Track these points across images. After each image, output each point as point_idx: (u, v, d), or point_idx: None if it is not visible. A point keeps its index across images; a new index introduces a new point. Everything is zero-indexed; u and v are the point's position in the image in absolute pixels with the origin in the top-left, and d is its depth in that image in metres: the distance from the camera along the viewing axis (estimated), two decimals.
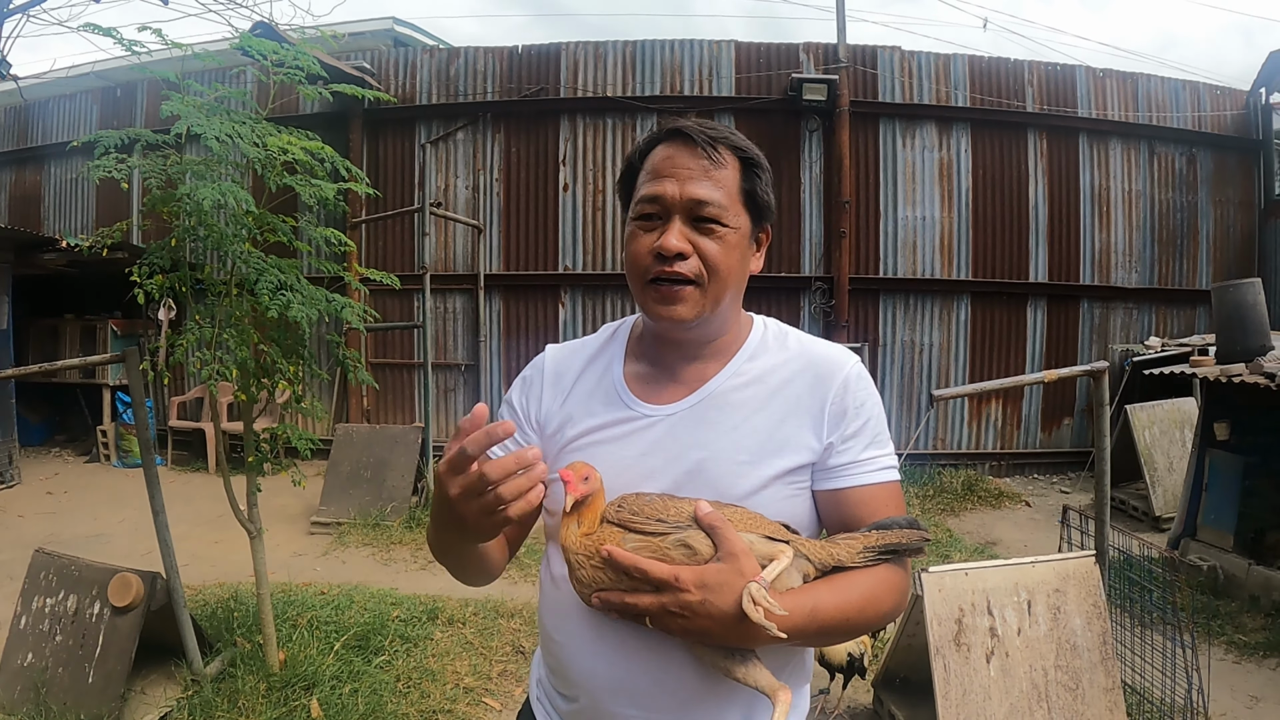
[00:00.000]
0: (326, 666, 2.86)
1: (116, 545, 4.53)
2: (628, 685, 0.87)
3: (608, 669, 0.88)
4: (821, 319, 6.76)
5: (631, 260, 0.93)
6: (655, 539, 0.79)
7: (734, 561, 0.77)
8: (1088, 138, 7.07)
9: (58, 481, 6.58)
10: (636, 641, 0.86)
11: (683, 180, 0.90)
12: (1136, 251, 7.17)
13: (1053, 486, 6.63)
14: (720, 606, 0.76)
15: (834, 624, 0.83)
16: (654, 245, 0.90)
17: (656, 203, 0.91)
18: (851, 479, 0.92)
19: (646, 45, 6.92)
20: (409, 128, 7.10)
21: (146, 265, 2.52)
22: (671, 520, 0.80)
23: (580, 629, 0.90)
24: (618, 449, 0.93)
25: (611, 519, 0.82)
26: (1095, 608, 2.36)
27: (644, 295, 0.93)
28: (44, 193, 8.09)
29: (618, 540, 0.80)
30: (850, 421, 0.93)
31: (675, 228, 0.89)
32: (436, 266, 6.92)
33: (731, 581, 0.76)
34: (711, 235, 0.90)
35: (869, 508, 0.91)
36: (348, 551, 4.66)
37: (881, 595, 0.87)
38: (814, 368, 0.95)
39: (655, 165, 0.93)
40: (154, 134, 2.53)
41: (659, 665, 0.86)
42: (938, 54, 6.96)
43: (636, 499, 0.83)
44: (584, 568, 0.81)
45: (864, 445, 0.93)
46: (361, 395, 6.87)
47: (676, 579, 0.76)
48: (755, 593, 0.75)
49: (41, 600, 2.82)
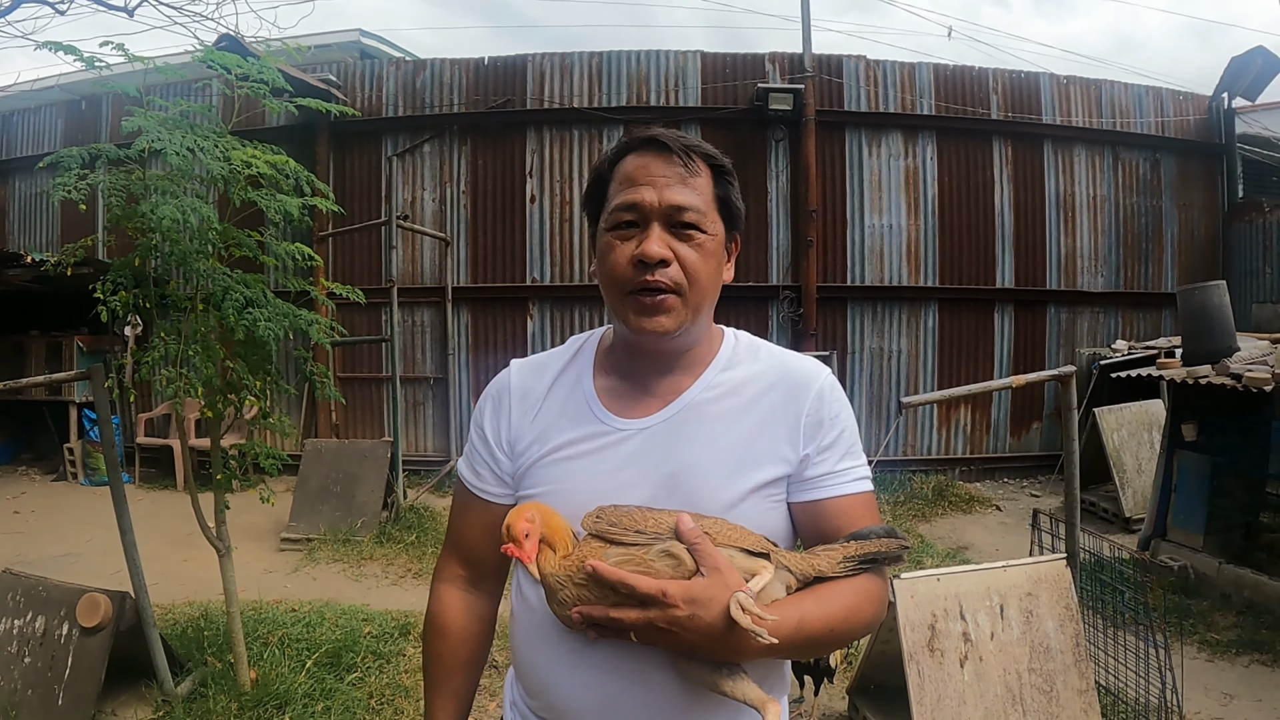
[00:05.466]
0: (299, 685, 2.85)
1: (85, 565, 4.46)
2: (612, 706, 0.86)
3: (591, 690, 0.87)
4: (790, 328, 6.78)
5: (610, 271, 0.90)
6: (637, 551, 0.78)
7: (718, 576, 0.77)
8: (1052, 144, 7.15)
9: (24, 501, 6.47)
10: (619, 662, 0.85)
11: (660, 188, 0.88)
12: (1102, 256, 7.26)
13: (1023, 490, 6.68)
14: (708, 620, 0.75)
15: (819, 635, 0.83)
16: (634, 253, 0.88)
17: (634, 210, 0.89)
18: (828, 490, 0.92)
19: (613, 56, 6.94)
20: (375, 140, 7.08)
21: (110, 281, 2.50)
22: (650, 531, 0.80)
23: (560, 652, 0.89)
24: (592, 464, 0.91)
25: (590, 529, 0.81)
26: (1068, 610, 2.38)
27: (624, 307, 0.90)
28: (8, 208, 7.99)
29: (599, 554, 0.79)
30: (826, 433, 0.93)
31: (655, 234, 0.88)
32: (404, 280, 6.89)
33: (718, 595, 0.76)
34: (690, 242, 0.89)
35: (846, 518, 0.91)
36: (318, 568, 4.63)
37: (863, 604, 0.87)
38: (788, 380, 0.95)
39: (630, 173, 0.90)
40: (117, 149, 2.50)
41: (643, 685, 0.85)
42: (903, 63, 7.02)
43: (614, 510, 0.82)
44: (566, 588, 0.79)
45: (839, 456, 0.93)
46: (330, 410, 6.83)
47: (664, 594, 0.75)
48: (743, 600, 0.75)
49: (9, 622, 2.80)
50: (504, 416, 1.00)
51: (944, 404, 6.91)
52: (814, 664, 2.70)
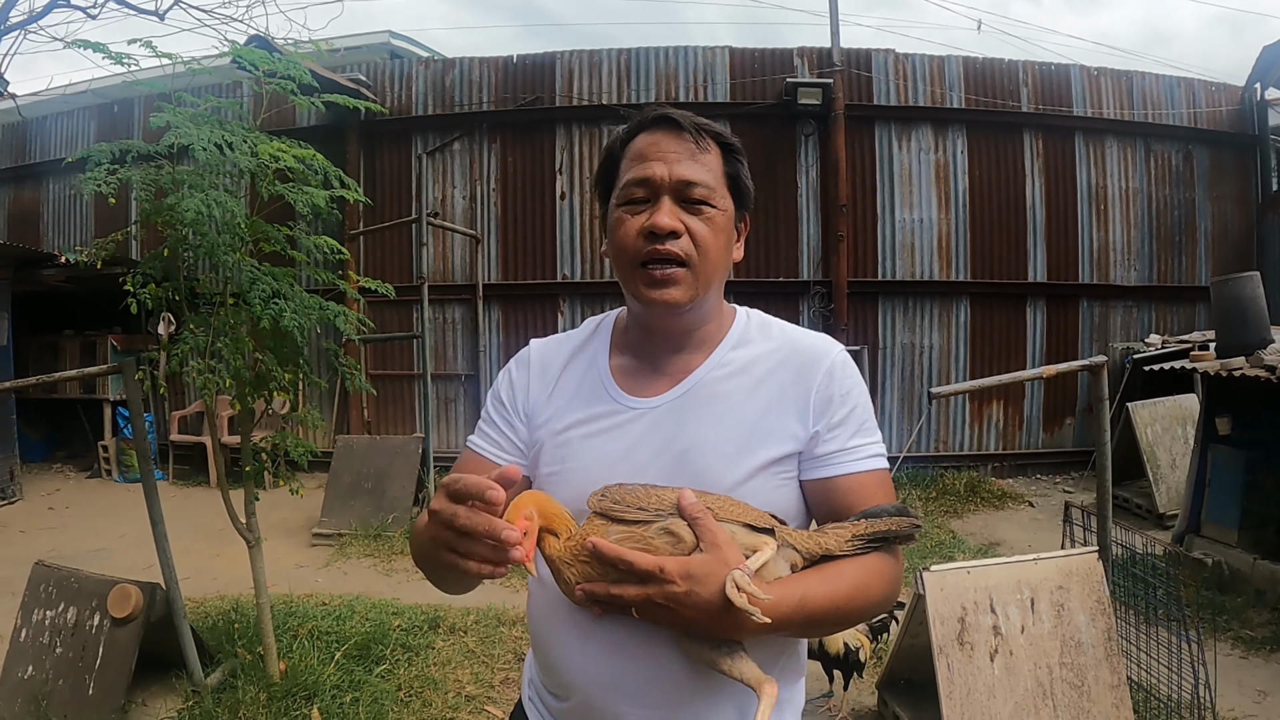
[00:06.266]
0: (327, 676, 2.86)
1: (118, 559, 4.52)
2: (619, 683, 0.87)
3: (598, 667, 0.87)
4: (820, 323, 6.72)
5: (620, 244, 0.92)
6: (638, 528, 0.79)
7: (717, 551, 0.76)
8: (1084, 136, 7.08)
9: (59, 497, 6.58)
10: (626, 638, 0.85)
11: (671, 163, 0.90)
12: (1135, 249, 7.17)
13: (1055, 486, 6.61)
14: (705, 596, 0.75)
15: (824, 613, 0.82)
16: (645, 225, 0.89)
17: (645, 185, 0.90)
18: (839, 467, 0.91)
19: (641, 53, 6.94)
20: (405, 139, 7.12)
21: (139, 275, 2.52)
22: (653, 509, 0.80)
23: (569, 628, 0.90)
24: (604, 443, 0.92)
25: (594, 508, 0.81)
26: (1099, 604, 2.34)
27: (635, 280, 0.92)
28: (43, 209, 8.12)
29: (601, 531, 0.79)
30: (836, 409, 0.92)
31: (666, 206, 0.89)
32: (435, 277, 6.93)
33: (716, 571, 0.75)
34: (700, 216, 0.90)
35: (857, 496, 0.90)
36: (349, 563, 4.66)
37: (872, 584, 0.85)
38: (798, 356, 0.95)
39: (641, 150, 0.92)
40: (146, 145, 2.52)
41: (650, 662, 0.85)
42: (932, 56, 6.97)
43: (619, 489, 0.82)
44: (572, 566, 0.80)
45: (850, 433, 0.92)
46: (362, 407, 6.87)
47: (661, 570, 0.75)
48: (739, 579, 0.74)
49: (41, 613, 2.82)
50: (521, 388, 1.02)
51: (976, 399, 6.85)
52: (843, 658, 2.68)
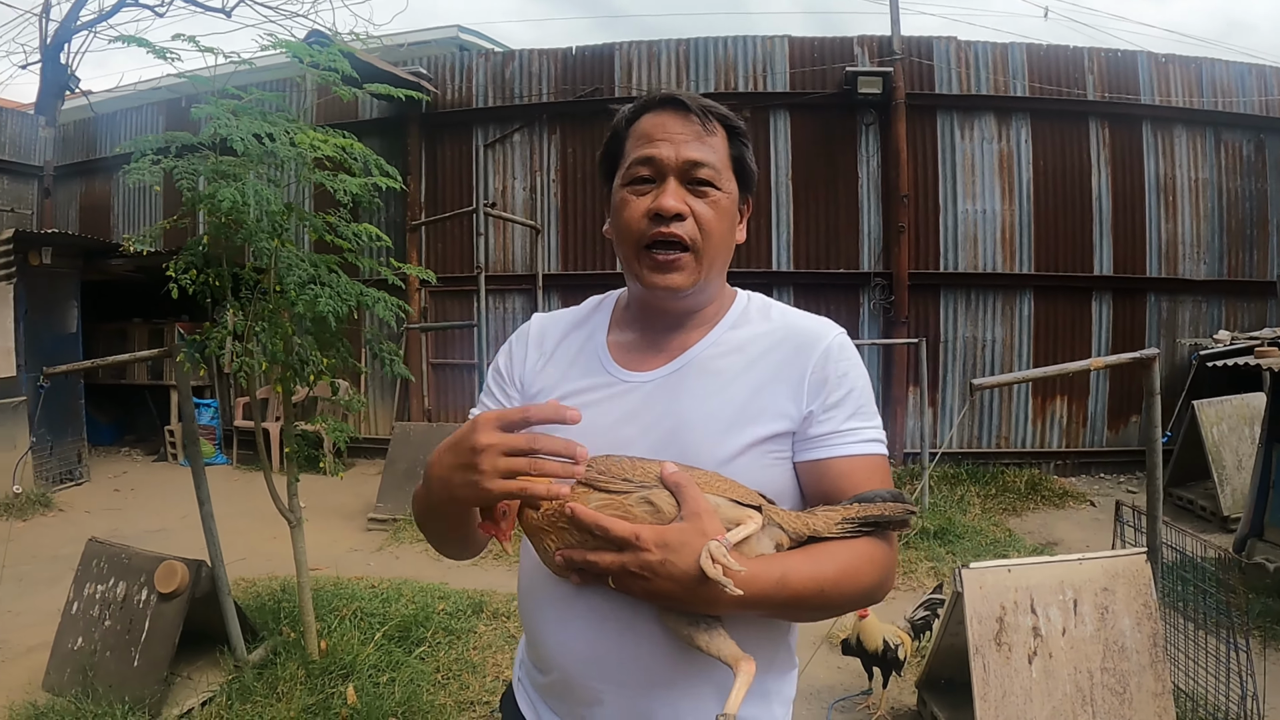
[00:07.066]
0: (366, 656, 2.89)
1: (176, 539, 4.59)
2: (598, 658, 0.87)
3: (578, 642, 0.88)
4: (881, 316, 6.67)
5: (624, 225, 0.92)
6: (619, 497, 0.78)
7: (696, 521, 0.76)
8: (1151, 125, 6.87)
9: (125, 480, 6.80)
10: (607, 616, 0.85)
11: (677, 144, 0.90)
12: (1204, 242, 6.96)
13: (1119, 485, 6.48)
14: (680, 567, 0.74)
15: (806, 594, 0.80)
16: (650, 207, 0.89)
17: (650, 165, 0.90)
18: (832, 449, 0.90)
19: (699, 43, 6.90)
20: (466, 131, 7.19)
21: (182, 261, 2.59)
22: (638, 480, 0.79)
23: (552, 603, 0.90)
24: (594, 414, 0.91)
25: (580, 478, 0.80)
26: (1145, 608, 2.25)
27: (638, 263, 0.92)
28: (113, 201, 8.38)
29: (584, 499, 0.78)
30: (831, 391, 0.91)
31: (671, 188, 0.89)
32: (495, 267, 7.00)
33: (692, 542, 0.74)
34: (705, 198, 0.90)
35: (851, 480, 0.89)
36: (402, 547, 4.72)
37: (862, 569, 0.84)
38: (795, 338, 0.94)
39: (646, 130, 0.92)
40: (189, 136, 2.58)
41: (630, 638, 0.85)
42: (995, 43, 6.83)
43: (606, 459, 0.82)
44: (550, 534, 0.80)
45: (846, 416, 0.91)
46: (423, 394, 6.99)
47: (637, 537, 0.75)
48: (715, 550, 0.73)
49: (93, 587, 2.90)
50: (518, 358, 1.04)
51: (1039, 395, 6.73)
52: (883, 655, 2.65)
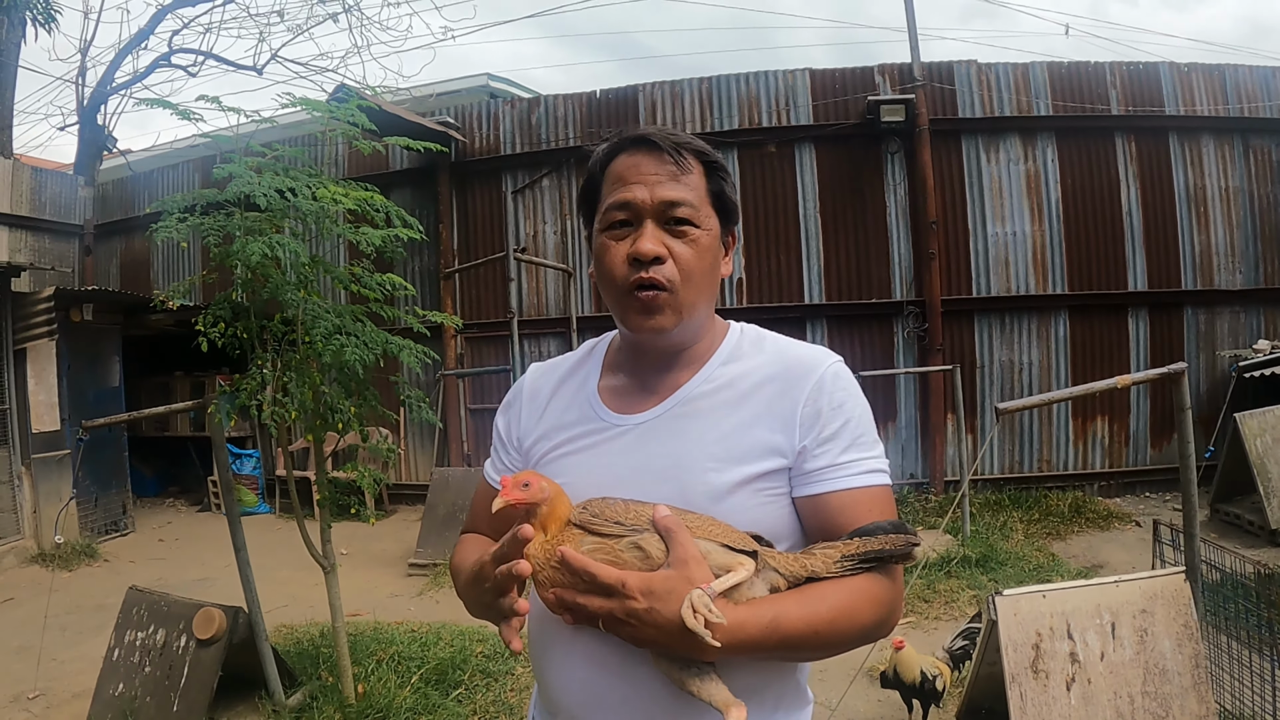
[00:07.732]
0: (403, 699, 2.91)
1: (219, 588, 4.65)
2: (599, 699, 0.86)
3: (579, 685, 0.87)
4: (916, 344, 6.66)
5: (606, 271, 0.92)
6: (610, 541, 0.78)
7: (684, 568, 0.75)
8: (1178, 136, 6.83)
9: (169, 530, 6.92)
10: (605, 656, 0.84)
11: (652, 185, 0.89)
12: (1239, 251, 6.88)
13: (1165, 504, 6.38)
14: (665, 615, 0.73)
15: (800, 636, 0.79)
16: (629, 251, 0.89)
17: (627, 209, 0.90)
18: (830, 484, 0.88)
19: (722, 80, 6.97)
20: (495, 178, 7.30)
21: (210, 315, 2.67)
22: (630, 523, 0.79)
23: (553, 643, 0.90)
24: (587, 459, 0.93)
25: (574, 521, 0.81)
26: (1186, 629, 2.21)
27: (624, 307, 0.92)
28: (153, 257, 8.58)
29: (576, 543, 0.79)
30: (826, 423, 0.89)
31: (649, 231, 0.89)
32: (529, 311, 7.08)
33: (679, 589, 0.74)
34: (684, 238, 0.90)
35: (851, 513, 0.86)
36: (441, 592, 4.73)
37: (860, 607, 0.81)
38: (788, 371, 0.93)
39: (620, 173, 0.92)
40: (214, 194, 2.65)
41: (628, 680, 0.84)
42: (1015, 64, 6.82)
43: (601, 502, 0.82)
44: (544, 570, 0.80)
45: (843, 448, 0.89)
46: (462, 440, 7.07)
47: (623, 585, 0.74)
48: (696, 600, 0.72)
49: (133, 634, 2.99)
50: (514, 418, 1.04)
51: (1079, 416, 6.67)
52: (920, 686, 2.63)
